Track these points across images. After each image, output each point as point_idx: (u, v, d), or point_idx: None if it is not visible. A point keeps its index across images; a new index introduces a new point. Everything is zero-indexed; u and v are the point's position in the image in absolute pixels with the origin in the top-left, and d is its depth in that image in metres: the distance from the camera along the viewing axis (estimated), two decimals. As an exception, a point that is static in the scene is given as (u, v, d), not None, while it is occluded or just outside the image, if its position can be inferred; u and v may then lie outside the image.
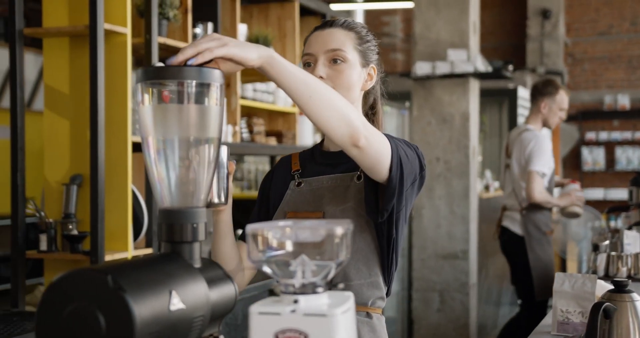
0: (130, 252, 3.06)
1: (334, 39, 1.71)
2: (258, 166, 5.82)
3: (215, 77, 1.25)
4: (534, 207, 4.43)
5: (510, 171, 4.58)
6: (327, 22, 1.77)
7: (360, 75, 1.74)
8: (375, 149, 1.52)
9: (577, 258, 6.39)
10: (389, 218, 1.65)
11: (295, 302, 1.11)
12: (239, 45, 1.34)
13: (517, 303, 6.88)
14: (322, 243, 1.14)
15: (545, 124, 4.55)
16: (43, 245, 2.98)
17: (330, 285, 1.19)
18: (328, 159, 1.80)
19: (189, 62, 1.33)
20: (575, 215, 4.66)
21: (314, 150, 1.87)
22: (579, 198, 4.52)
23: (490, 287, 6.02)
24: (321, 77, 1.66)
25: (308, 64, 1.72)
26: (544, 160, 4.37)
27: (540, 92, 4.53)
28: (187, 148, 1.25)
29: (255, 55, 1.35)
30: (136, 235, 3.16)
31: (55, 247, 3.00)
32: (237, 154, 5.59)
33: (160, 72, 1.24)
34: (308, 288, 1.13)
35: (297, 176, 1.78)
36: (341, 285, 1.19)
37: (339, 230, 1.14)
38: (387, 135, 1.66)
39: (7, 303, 3.03)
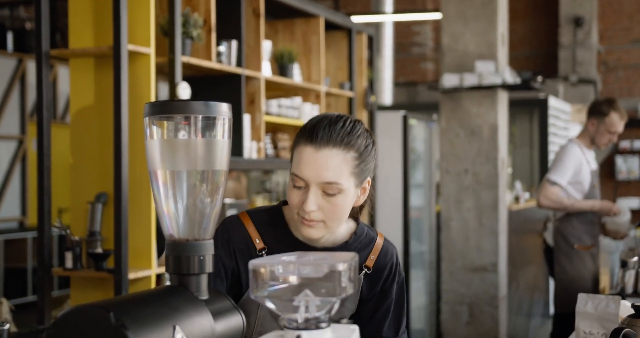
0: (154, 269, 3.08)
1: (330, 168, 1.50)
2: (286, 178, 5.84)
3: (222, 110, 1.26)
4: (565, 219, 4.38)
5: None
6: (323, 135, 1.52)
7: (354, 195, 1.57)
8: None
9: (609, 271, 6.28)
10: None
11: (298, 337, 1.11)
12: None
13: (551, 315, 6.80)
14: (325, 278, 1.14)
15: (593, 143, 4.40)
16: (69, 263, 3.02)
17: (335, 319, 1.18)
18: (303, 250, 1.58)
19: None
20: (618, 234, 4.50)
21: (277, 225, 1.64)
22: (603, 205, 4.35)
23: (521, 299, 5.94)
24: (312, 211, 1.52)
25: (298, 187, 1.54)
26: (562, 170, 4.29)
27: (592, 110, 4.37)
28: (195, 181, 1.26)
29: None
30: (160, 252, 3.18)
31: (81, 265, 3.03)
32: (262, 170, 5.61)
33: (167, 106, 1.25)
34: (311, 324, 1.13)
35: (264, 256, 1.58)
36: (345, 320, 1.18)
37: (342, 266, 1.14)
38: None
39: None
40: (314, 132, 1.53)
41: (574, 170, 4.31)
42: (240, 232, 1.64)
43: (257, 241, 1.61)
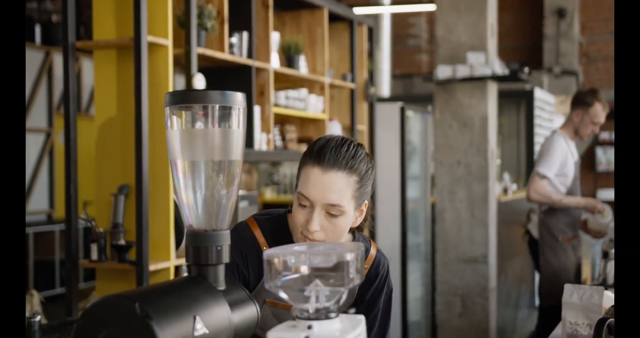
0: (173, 261, 3.02)
1: (334, 191, 1.53)
2: (293, 170, 5.76)
3: (238, 100, 1.24)
4: (550, 212, 4.23)
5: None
6: (330, 158, 1.54)
7: (353, 217, 1.60)
8: None
9: (591, 262, 6.14)
10: None
11: (309, 327, 1.10)
12: None
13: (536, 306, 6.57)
14: (333, 268, 1.13)
15: (577, 134, 4.25)
16: (94, 255, 2.94)
17: (343, 310, 1.17)
18: None
19: None
20: (599, 234, 4.35)
21: (281, 235, 1.66)
22: (587, 202, 4.20)
23: (509, 290, 5.71)
24: (316, 231, 1.55)
25: (303, 206, 1.56)
26: (550, 163, 4.14)
27: (577, 101, 4.22)
28: (212, 171, 1.23)
29: None
30: (178, 244, 3.10)
31: (105, 257, 2.96)
32: (270, 162, 5.50)
33: (187, 95, 1.22)
34: (321, 314, 1.12)
35: None
36: (352, 310, 1.17)
37: (350, 256, 1.13)
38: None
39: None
40: (321, 154, 1.55)
41: (561, 163, 4.17)
42: (250, 239, 1.66)
43: (265, 248, 1.63)
